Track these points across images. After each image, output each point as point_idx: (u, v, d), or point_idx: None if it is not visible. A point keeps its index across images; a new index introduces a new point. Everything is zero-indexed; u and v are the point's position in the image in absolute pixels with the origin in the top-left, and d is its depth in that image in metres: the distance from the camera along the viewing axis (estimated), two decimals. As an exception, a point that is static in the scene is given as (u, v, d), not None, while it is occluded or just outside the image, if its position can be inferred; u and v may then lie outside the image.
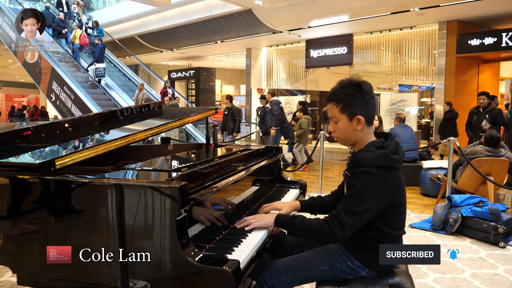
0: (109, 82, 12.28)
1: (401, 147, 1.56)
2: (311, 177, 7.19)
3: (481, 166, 4.54)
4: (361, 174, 1.46)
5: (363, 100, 1.51)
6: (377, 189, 1.44)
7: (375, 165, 1.45)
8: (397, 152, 1.51)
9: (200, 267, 1.25)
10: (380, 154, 1.47)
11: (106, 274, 1.37)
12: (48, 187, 1.47)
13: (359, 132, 1.54)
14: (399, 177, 1.53)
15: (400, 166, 1.53)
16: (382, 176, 1.45)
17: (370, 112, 1.54)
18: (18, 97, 27.32)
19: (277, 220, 1.59)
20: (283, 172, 2.67)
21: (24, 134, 1.94)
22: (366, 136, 1.56)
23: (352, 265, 1.55)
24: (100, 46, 11.52)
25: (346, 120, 1.53)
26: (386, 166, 1.47)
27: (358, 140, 1.57)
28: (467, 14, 10.03)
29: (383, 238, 1.53)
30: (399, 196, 1.52)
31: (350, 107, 1.51)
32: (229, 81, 21.41)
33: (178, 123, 2.37)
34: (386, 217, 1.50)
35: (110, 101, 11.21)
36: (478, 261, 3.22)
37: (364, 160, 1.47)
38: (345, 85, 1.53)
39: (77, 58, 12.03)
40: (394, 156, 1.48)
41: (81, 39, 11.93)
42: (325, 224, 1.46)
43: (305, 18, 11.46)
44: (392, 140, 1.56)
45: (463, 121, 7.13)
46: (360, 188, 1.45)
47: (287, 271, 1.55)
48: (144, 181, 1.40)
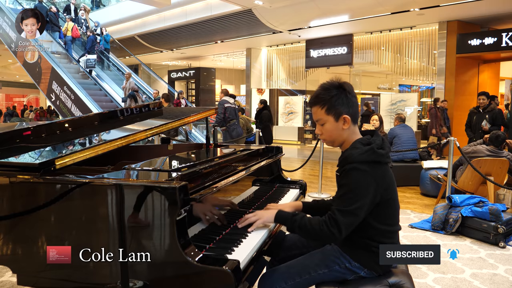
0: (112, 85, 12.33)
1: (387, 142, 1.58)
2: (311, 177, 7.19)
3: (481, 166, 4.54)
4: (349, 172, 1.46)
5: (347, 100, 1.54)
6: (368, 184, 1.45)
7: (362, 160, 1.46)
8: (383, 147, 1.52)
9: (200, 267, 1.25)
10: (367, 149, 1.48)
11: (106, 274, 1.37)
12: (48, 187, 1.47)
13: (346, 131, 1.56)
14: (388, 172, 1.53)
15: (387, 161, 1.53)
16: (371, 171, 1.45)
17: (354, 111, 1.57)
18: (18, 97, 27.34)
19: (278, 216, 1.59)
20: (283, 172, 2.67)
21: (24, 134, 1.94)
22: (353, 135, 1.58)
23: (351, 266, 1.55)
24: (91, 38, 11.74)
25: (333, 121, 1.56)
26: (373, 161, 1.47)
27: (345, 140, 1.59)
28: (467, 14, 10.03)
29: (379, 236, 1.53)
30: (390, 191, 1.52)
31: (335, 108, 1.54)
32: (229, 81, 21.40)
33: (178, 123, 2.38)
34: (379, 214, 1.51)
35: (111, 102, 11.22)
36: (478, 261, 3.22)
37: (351, 157, 1.48)
38: (327, 87, 1.56)
39: (69, 50, 12.20)
40: (380, 151, 1.49)
41: (73, 32, 12.11)
42: (323, 224, 1.46)
43: (305, 18, 11.46)
44: (378, 136, 1.58)
45: (463, 121, 7.13)
46: (350, 185, 1.45)
47: (286, 278, 1.55)
48: (144, 181, 1.40)
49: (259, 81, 16.18)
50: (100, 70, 12.65)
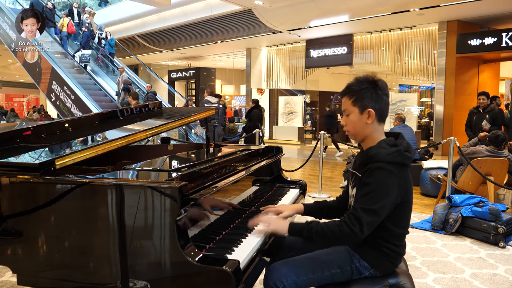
0: (112, 85, 12.34)
1: (411, 146, 1.57)
2: (311, 177, 7.19)
3: (481, 166, 4.55)
4: (375, 170, 1.45)
5: (376, 95, 1.54)
6: (392, 185, 1.44)
7: (389, 161, 1.45)
8: (409, 150, 1.52)
9: (200, 267, 1.25)
10: (394, 150, 1.48)
11: (106, 274, 1.37)
12: (48, 187, 1.47)
13: (369, 126, 1.55)
14: (409, 175, 1.54)
15: (410, 165, 1.54)
16: (396, 172, 1.45)
17: (382, 107, 1.55)
18: (18, 97, 27.33)
19: (291, 228, 1.54)
20: (283, 172, 2.67)
21: (24, 134, 1.94)
22: (377, 133, 1.57)
23: (359, 265, 1.55)
24: (86, 34, 11.89)
25: (357, 113, 1.55)
26: (400, 163, 1.47)
27: (368, 135, 1.58)
28: (467, 14, 10.03)
29: (391, 237, 1.53)
30: (408, 194, 1.53)
31: (362, 100, 1.54)
32: (229, 81, 21.41)
33: (178, 123, 2.37)
34: (395, 216, 1.50)
35: (112, 103, 11.23)
36: (478, 261, 3.22)
37: (378, 156, 1.47)
38: (361, 80, 1.57)
39: (65, 46, 12.31)
40: (407, 154, 1.49)
41: (68, 27, 12.24)
42: (343, 224, 1.44)
43: (305, 18, 11.46)
44: (403, 139, 1.58)
45: (463, 121, 7.12)
46: (375, 184, 1.44)
47: (298, 273, 1.51)
48: (144, 181, 1.40)
49: (259, 81, 16.18)
50: (105, 75, 12.65)
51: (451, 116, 10.67)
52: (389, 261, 1.56)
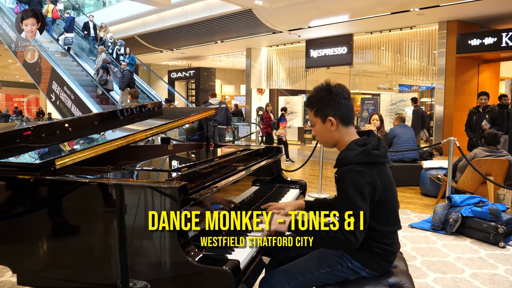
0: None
1: (383, 142, 1.57)
2: (311, 177, 7.19)
3: (481, 166, 4.55)
4: (346, 174, 1.46)
5: (333, 102, 1.55)
6: (366, 185, 1.44)
7: (357, 162, 1.46)
8: (379, 147, 1.52)
9: (200, 267, 1.25)
10: (361, 151, 1.48)
11: (106, 274, 1.37)
12: (48, 187, 1.47)
13: (335, 132, 1.57)
14: (385, 172, 1.53)
15: (384, 161, 1.53)
16: (368, 172, 1.45)
17: (343, 112, 1.56)
18: (18, 97, 27.32)
19: (292, 227, 1.53)
20: (283, 172, 2.67)
21: (24, 134, 1.94)
22: (346, 136, 1.57)
23: (352, 266, 1.55)
24: (69, 18, 12.28)
25: (320, 123, 1.58)
26: (369, 162, 1.47)
27: (338, 141, 1.59)
28: (467, 14, 10.03)
29: (380, 237, 1.53)
30: (388, 191, 1.52)
31: (321, 110, 1.56)
32: (229, 81, 21.40)
33: (178, 123, 2.37)
34: (378, 215, 1.50)
35: (113, 104, 11.20)
36: (478, 261, 3.22)
37: (346, 159, 1.48)
38: (317, 90, 1.59)
39: (50, 31, 12.48)
40: (375, 152, 1.49)
41: (53, 13, 12.49)
42: (338, 231, 1.44)
43: (305, 18, 11.45)
44: (374, 136, 1.58)
45: (463, 121, 7.12)
46: (350, 189, 1.44)
47: (288, 278, 1.54)
48: (144, 181, 1.40)
49: (259, 81, 16.18)
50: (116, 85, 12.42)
51: (451, 116, 10.67)
52: (383, 259, 1.55)
